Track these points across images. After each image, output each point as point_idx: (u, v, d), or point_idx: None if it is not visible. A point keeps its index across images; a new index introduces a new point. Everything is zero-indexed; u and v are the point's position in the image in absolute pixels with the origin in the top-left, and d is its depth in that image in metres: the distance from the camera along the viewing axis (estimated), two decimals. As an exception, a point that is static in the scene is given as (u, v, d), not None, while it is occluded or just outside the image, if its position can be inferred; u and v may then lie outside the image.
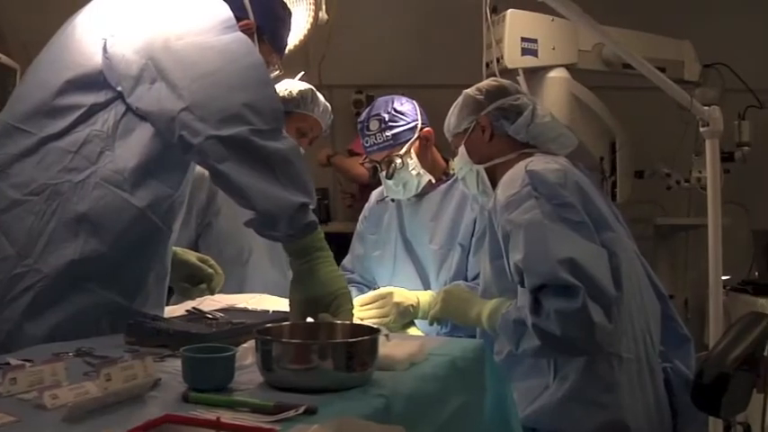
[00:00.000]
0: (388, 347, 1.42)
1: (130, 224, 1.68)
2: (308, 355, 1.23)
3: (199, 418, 1.05)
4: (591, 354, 1.89)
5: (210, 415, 1.07)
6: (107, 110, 1.68)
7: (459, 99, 2.31)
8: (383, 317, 2.37)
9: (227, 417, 1.07)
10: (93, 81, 1.68)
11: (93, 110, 1.68)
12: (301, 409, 1.09)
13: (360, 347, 1.26)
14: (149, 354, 1.44)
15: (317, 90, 2.87)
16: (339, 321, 1.51)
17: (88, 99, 1.68)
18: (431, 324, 2.27)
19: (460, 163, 2.30)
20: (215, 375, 1.23)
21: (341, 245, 2.89)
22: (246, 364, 1.36)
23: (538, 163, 2.04)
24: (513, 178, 2.01)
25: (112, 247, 1.66)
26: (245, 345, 1.40)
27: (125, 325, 1.57)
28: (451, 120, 2.32)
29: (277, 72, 2.01)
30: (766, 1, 4.46)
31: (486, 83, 2.33)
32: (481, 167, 2.24)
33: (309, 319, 1.59)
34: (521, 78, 3.28)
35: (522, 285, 1.89)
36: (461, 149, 2.28)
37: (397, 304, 2.38)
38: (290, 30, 2.05)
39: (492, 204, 2.05)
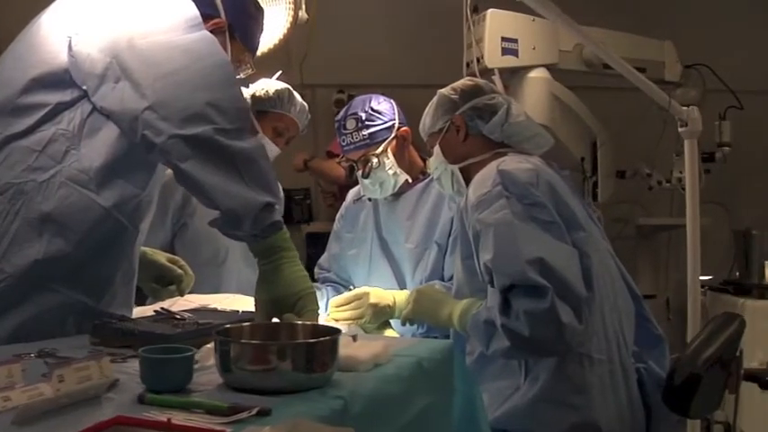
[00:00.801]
0: (353, 348, 1.42)
1: (96, 224, 1.66)
2: (266, 355, 1.21)
3: (149, 420, 1.04)
4: (561, 354, 1.88)
5: (163, 416, 1.06)
6: (73, 109, 1.67)
7: (435, 99, 2.30)
8: (359, 318, 2.36)
9: (179, 418, 1.06)
10: (59, 80, 1.67)
11: (59, 108, 1.66)
12: (254, 411, 1.08)
13: (319, 348, 1.25)
14: (111, 354, 1.44)
15: (300, 90, 2.87)
16: (303, 322, 1.50)
17: (54, 98, 1.66)
18: (403, 324, 2.26)
19: (435, 163, 2.30)
20: (172, 376, 1.22)
21: (323, 244, 2.89)
22: (209, 365, 1.34)
23: (510, 162, 2.03)
24: (485, 178, 2.00)
25: (78, 247, 1.65)
26: (208, 345, 1.39)
27: (91, 325, 1.56)
28: (426, 120, 2.31)
29: (249, 71, 1.99)
30: (747, 3, 4.48)
31: (461, 82, 2.31)
32: (456, 167, 2.24)
33: (275, 320, 1.58)
34: (496, 78, 3.27)
35: (492, 285, 1.88)
36: (436, 149, 2.27)
37: (374, 305, 2.37)
38: (262, 28, 2.03)
39: (463, 204, 2.05)
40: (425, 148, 2.43)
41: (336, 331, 1.32)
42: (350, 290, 2.53)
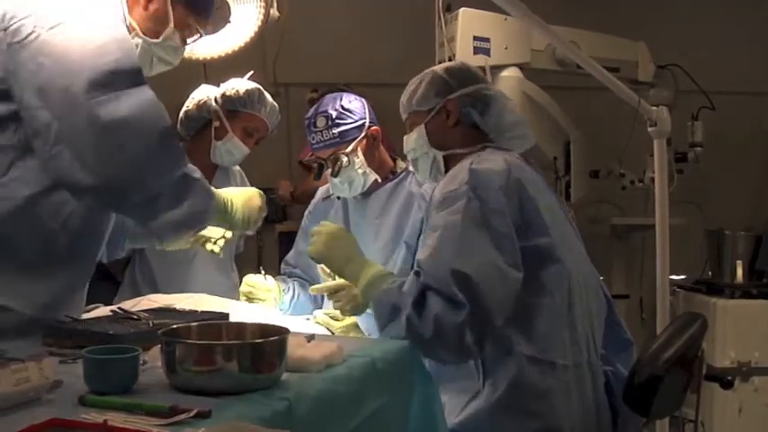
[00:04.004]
0: (305, 349, 1.41)
1: None
2: (211, 356, 1.21)
3: (85, 422, 1.03)
4: (449, 364, 1.87)
5: (100, 418, 1.05)
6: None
7: (426, 76, 2.19)
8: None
9: (117, 420, 1.05)
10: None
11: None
12: (193, 413, 1.07)
13: (266, 348, 1.24)
14: (62, 355, 1.43)
15: (273, 88, 2.85)
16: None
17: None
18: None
19: (416, 143, 2.19)
20: (114, 377, 1.21)
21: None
22: (159, 366, 1.33)
23: (483, 161, 1.97)
24: (455, 175, 1.95)
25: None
26: (158, 346, 1.37)
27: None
28: (415, 96, 2.19)
29: (197, 36, 1.92)
30: (720, 3, 4.50)
31: (455, 65, 2.24)
32: (439, 153, 2.15)
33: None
34: (486, 68, 3.23)
35: (416, 275, 1.85)
36: (421, 129, 2.17)
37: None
38: None
39: (429, 197, 2.02)
40: (396, 147, 2.41)
41: (285, 331, 1.31)
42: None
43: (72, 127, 1.54)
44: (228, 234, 2.26)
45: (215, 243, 2.25)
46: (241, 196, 2.00)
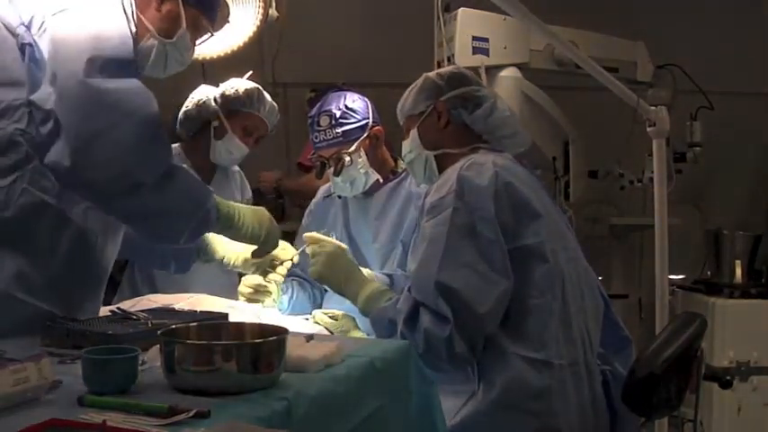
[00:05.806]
0: (304, 348, 1.41)
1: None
2: (210, 356, 1.21)
3: (83, 422, 1.03)
4: (447, 372, 1.89)
5: (99, 418, 1.05)
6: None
7: (419, 81, 2.24)
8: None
9: (116, 420, 1.05)
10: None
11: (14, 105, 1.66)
12: (192, 413, 1.07)
13: (265, 349, 1.24)
14: (60, 355, 1.42)
15: (272, 88, 2.85)
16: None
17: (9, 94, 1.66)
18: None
19: (410, 146, 2.22)
20: (114, 377, 1.21)
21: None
22: (158, 366, 1.33)
23: (472, 166, 1.97)
24: (445, 180, 1.97)
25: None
26: (158, 346, 1.37)
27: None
28: (407, 101, 2.24)
29: (207, 36, 1.99)
30: (718, 3, 4.50)
31: (448, 69, 2.27)
32: (431, 154, 2.17)
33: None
34: (481, 70, 3.24)
35: (409, 291, 1.91)
36: (413, 133, 2.20)
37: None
38: None
39: (421, 203, 2.03)
40: (398, 148, 2.41)
41: (284, 331, 1.31)
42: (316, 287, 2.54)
43: (66, 105, 1.59)
44: (296, 258, 2.32)
45: (281, 265, 2.31)
46: (248, 208, 2.05)
